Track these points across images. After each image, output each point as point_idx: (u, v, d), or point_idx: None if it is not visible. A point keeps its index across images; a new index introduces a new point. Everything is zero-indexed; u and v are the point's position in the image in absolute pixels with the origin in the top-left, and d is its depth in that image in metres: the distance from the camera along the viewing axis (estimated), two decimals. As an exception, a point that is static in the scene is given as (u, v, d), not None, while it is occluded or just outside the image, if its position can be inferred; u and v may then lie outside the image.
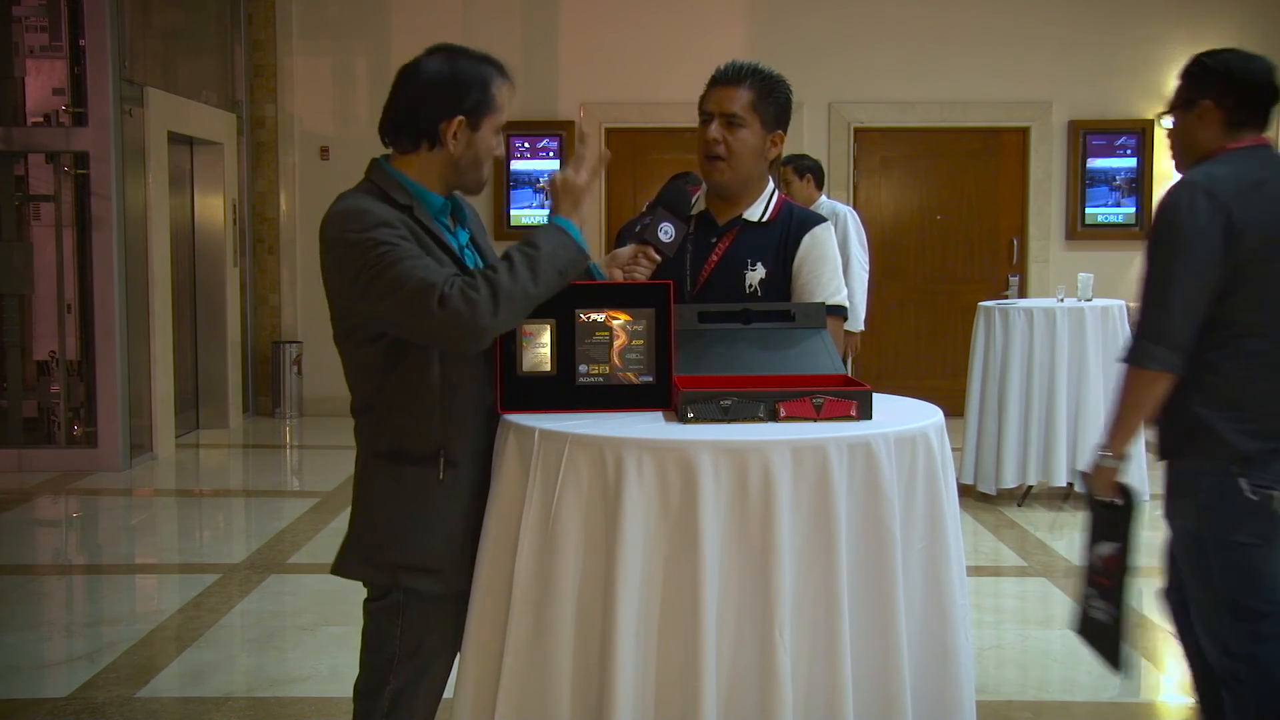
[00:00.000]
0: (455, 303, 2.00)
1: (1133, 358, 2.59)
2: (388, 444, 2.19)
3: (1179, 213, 2.52)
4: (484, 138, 2.20)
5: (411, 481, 2.17)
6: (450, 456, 2.15)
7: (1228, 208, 2.49)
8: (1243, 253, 2.50)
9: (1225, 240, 2.49)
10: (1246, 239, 2.49)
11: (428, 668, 2.24)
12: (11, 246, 7.39)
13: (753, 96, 2.66)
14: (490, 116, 2.20)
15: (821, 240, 2.74)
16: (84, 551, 5.91)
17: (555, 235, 2.15)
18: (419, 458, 2.16)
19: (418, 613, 2.21)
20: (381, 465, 2.20)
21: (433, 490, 2.16)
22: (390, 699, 2.23)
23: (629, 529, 1.90)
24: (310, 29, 9.25)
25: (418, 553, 2.17)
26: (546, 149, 9.20)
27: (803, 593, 1.92)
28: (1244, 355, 2.56)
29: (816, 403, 2.06)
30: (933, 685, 2.06)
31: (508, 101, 2.23)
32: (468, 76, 2.19)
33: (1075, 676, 3.96)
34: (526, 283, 2.07)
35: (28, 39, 7.42)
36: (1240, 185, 2.52)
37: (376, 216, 2.09)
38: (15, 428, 7.46)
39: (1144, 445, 6.31)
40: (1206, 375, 2.57)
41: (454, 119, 2.17)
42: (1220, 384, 2.56)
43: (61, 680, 3.89)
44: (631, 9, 9.14)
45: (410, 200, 2.17)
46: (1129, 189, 9.29)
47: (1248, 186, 2.52)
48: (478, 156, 2.21)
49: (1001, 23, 9.15)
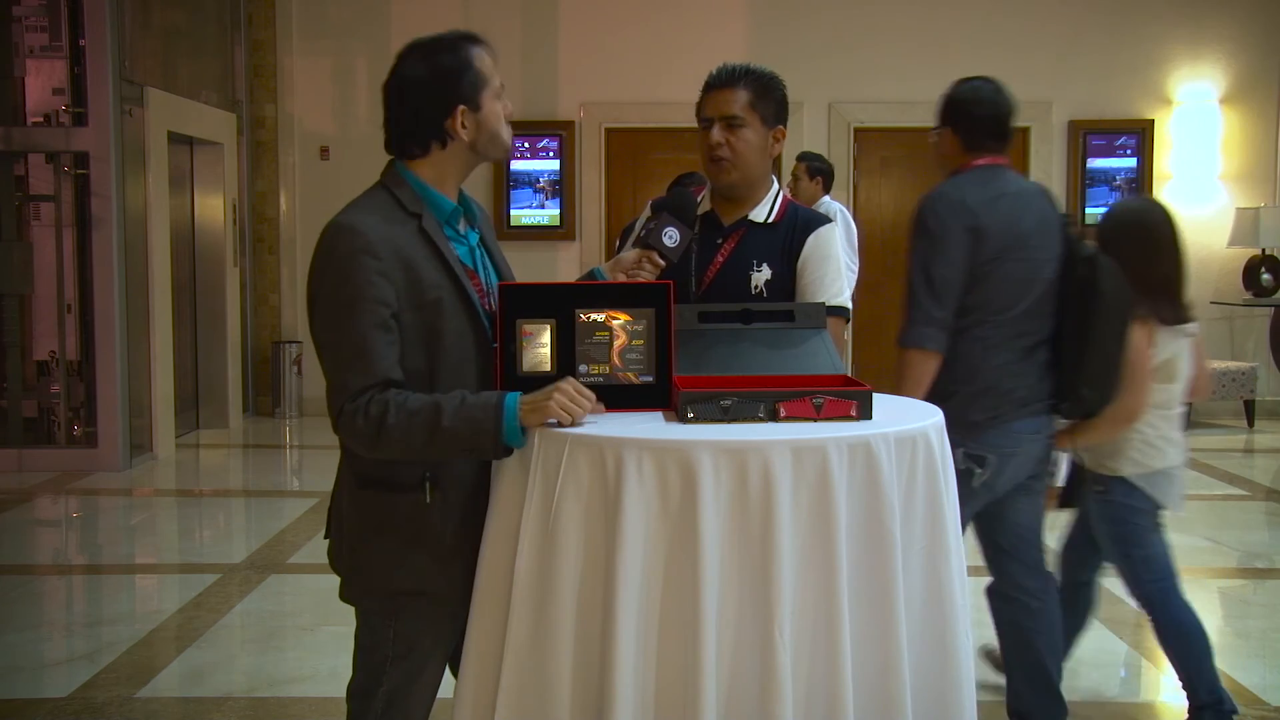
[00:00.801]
0: (348, 420, 2.05)
1: (911, 340, 2.95)
2: (375, 472, 2.17)
3: (938, 216, 2.95)
4: (488, 112, 2.21)
5: (401, 510, 2.16)
6: (436, 481, 2.14)
7: (975, 214, 2.93)
8: (983, 254, 2.93)
9: (972, 241, 2.92)
10: (988, 242, 2.93)
11: (421, 669, 2.24)
12: (11, 246, 7.39)
13: (750, 96, 2.67)
14: (485, 90, 2.20)
15: (825, 241, 2.74)
16: (84, 551, 5.91)
17: (486, 415, 2.01)
18: (407, 485, 2.14)
19: (411, 616, 2.21)
20: (369, 495, 2.19)
21: (421, 516, 2.15)
22: (385, 700, 2.23)
23: (629, 529, 1.89)
24: (310, 29, 9.25)
25: (410, 579, 2.17)
26: (547, 149, 9.20)
27: (803, 592, 1.92)
28: (977, 339, 2.97)
29: (816, 403, 2.06)
30: (933, 685, 2.06)
31: (495, 64, 2.23)
32: (450, 66, 2.17)
33: (1075, 676, 3.95)
34: (417, 442, 2.03)
35: (28, 39, 7.42)
36: (982, 197, 2.96)
37: (363, 242, 2.07)
38: (15, 428, 7.46)
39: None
40: (949, 355, 2.96)
41: (455, 111, 2.17)
42: (958, 362, 2.95)
43: (61, 680, 3.88)
44: (631, 9, 9.14)
45: (420, 208, 2.17)
46: (1129, 189, 9.28)
47: (989, 198, 2.96)
48: (491, 130, 2.21)
49: (1001, 23, 9.15)
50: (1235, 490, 6.95)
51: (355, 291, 2.06)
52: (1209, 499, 6.82)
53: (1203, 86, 9.23)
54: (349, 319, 2.06)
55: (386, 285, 2.07)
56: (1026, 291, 2.98)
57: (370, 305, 2.05)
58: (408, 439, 2.02)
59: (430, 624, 2.22)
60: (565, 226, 9.23)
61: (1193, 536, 6.03)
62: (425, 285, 2.11)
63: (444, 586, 2.17)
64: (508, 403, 2.01)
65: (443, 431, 2.01)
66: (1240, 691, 3.77)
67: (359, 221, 2.12)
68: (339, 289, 2.08)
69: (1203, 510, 6.61)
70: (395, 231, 2.12)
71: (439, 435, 2.01)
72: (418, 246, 2.13)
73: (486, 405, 2.02)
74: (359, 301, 2.05)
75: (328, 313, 2.11)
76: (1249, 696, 3.73)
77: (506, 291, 2.20)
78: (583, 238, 9.28)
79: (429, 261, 2.13)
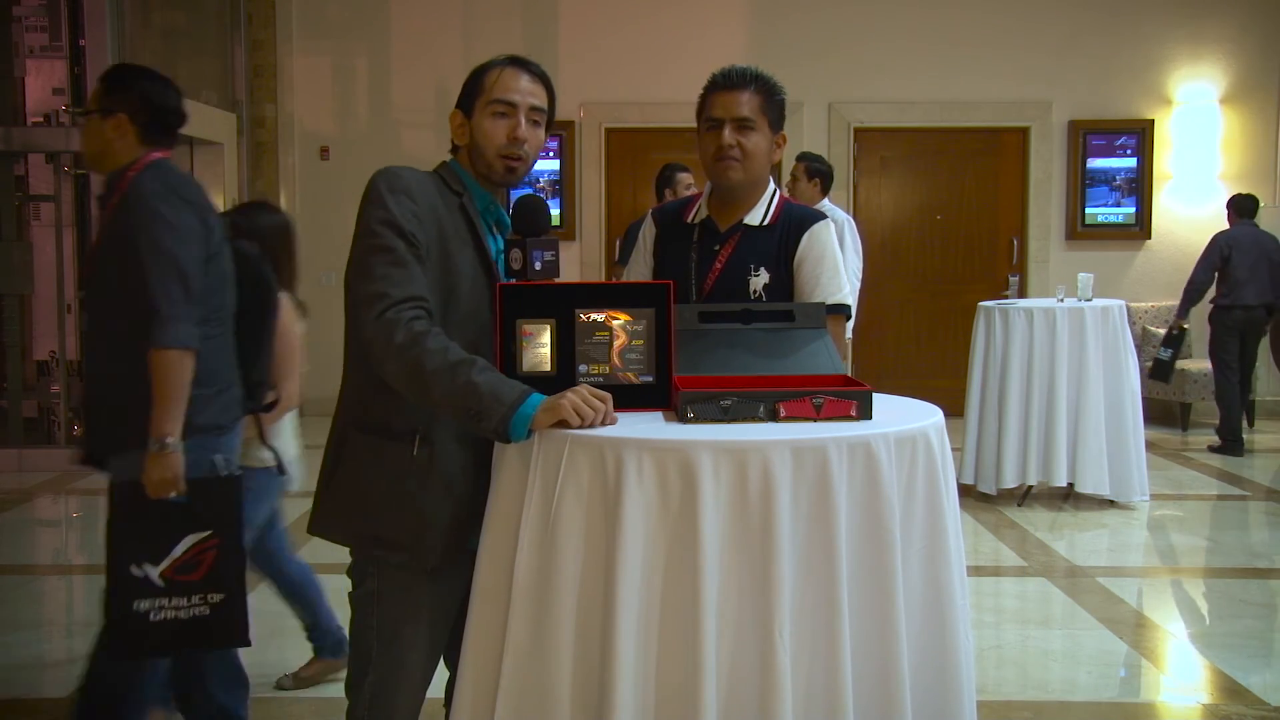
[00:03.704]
0: (388, 325, 2.05)
1: (172, 340, 2.65)
2: (370, 417, 2.22)
3: (156, 200, 2.71)
4: (478, 122, 2.29)
5: (388, 457, 2.19)
6: (427, 436, 2.17)
7: (196, 204, 2.77)
8: (212, 245, 2.79)
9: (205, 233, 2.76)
10: (214, 234, 2.80)
11: (404, 660, 2.25)
12: (11, 246, 7.39)
13: (760, 100, 2.66)
14: (480, 98, 2.29)
15: (821, 239, 2.73)
16: (84, 551, 5.91)
17: (511, 393, 2.00)
18: (398, 434, 2.18)
19: (393, 601, 2.24)
20: (361, 438, 2.23)
21: (406, 467, 2.17)
22: (370, 691, 2.26)
23: (629, 529, 1.90)
24: (310, 29, 9.25)
25: (388, 527, 2.19)
26: (547, 149, 9.17)
27: (802, 592, 1.92)
28: (211, 336, 2.79)
29: (816, 403, 2.06)
30: (933, 685, 2.06)
31: (508, 82, 2.28)
32: (472, 74, 2.33)
33: (1075, 676, 3.96)
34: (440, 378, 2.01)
35: (28, 39, 7.43)
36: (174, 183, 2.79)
37: (408, 183, 2.18)
38: (15, 428, 7.46)
39: (1144, 446, 6.34)
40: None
41: (455, 113, 2.33)
42: (200, 364, 2.72)
43: (61, 680, 3.88)
44: (631, 9, 9.14)
45: (463, 189, 2.28)
46: (1129, 189, 9.29)
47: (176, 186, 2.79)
48: (476, 141, 2.29)
49: (1001, 23, 9.15)
50: (1235, 490, 6.95)
51: (395, 219, 2.13)
52: (1209, 499, 6.83)
53: (1203, 86, 9.24)
54: (390, 239, 2.12)
55: (419, 226, 2.16)
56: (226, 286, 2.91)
57: (408, 234, 2.13)
58: (434, 369, 2.01)
59: (412, 611, 2.24)
60: (565, 226, 9.23)
61: (1193, 536, 6.04)
62: (452, 252, 2.20)
63: (413, 546, 2.18)
64: (532, 397, 2.01)
65: (470, 383, 1.98)
66: (1240, 691, 3.77)
67: (404, 170, 2.23)
68: (379, 214, 2.14)
69: (1203, 510, 6.62)
70: (436, 196, 2.23)
71: (459, 383, 1.99)
72: (454, 217, 2.23)
73: (515, 387, 2.02)
74: (399, 227, 2.13)
75: (367, 235, 2.14)
76: (1249, 697, 3.73)
77: (506, 291, 2.21)
78: (583, 238, 9.28)
79: (460, 234, 2.22)
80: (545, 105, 2.34)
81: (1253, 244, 7.86)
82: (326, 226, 8.08)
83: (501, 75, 2.29)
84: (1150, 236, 9.30)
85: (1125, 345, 6.25)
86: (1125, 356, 6.24)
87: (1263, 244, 7.88)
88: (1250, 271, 7.81)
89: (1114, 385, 6.20)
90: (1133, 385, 6.26)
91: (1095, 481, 6.11)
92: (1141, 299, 9.14)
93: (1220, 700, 3.73)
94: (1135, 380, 6.29)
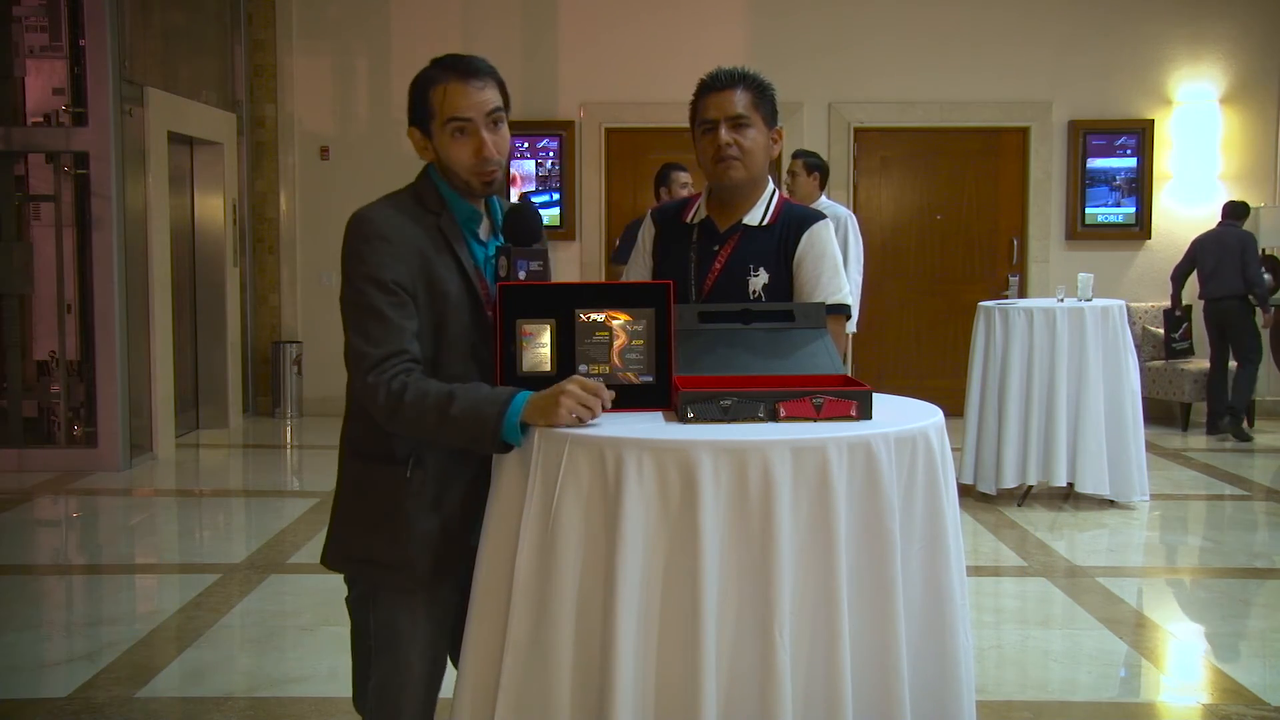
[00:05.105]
0: (371, 391, 2.10)
1: None
2: (368, 445, 2.23)
3: None
4: (440, 143, 2.23)
5: (381, 481, 2.21)
6: (421, 459, 2.19)
7: None
8: None
9: None
10: None
11: (405, 662, 2.26)
12: (11, 246, 7.39)
13: (751, 97, 2.67)
14: (434, 120, 2.23)
15: (820, 238, 2.73)
16: (84, 551, 5.91)
17: (492, 408, 2.02)
18: (393, 459, 2.20)
19: (388, 604, 2.25)
20: (357, 464, 2.26)
21: (399, 490, 2.19)
22: (375, 694, 2.27)
23: (629, 529, 1.89)
24: (310, 29, 9.25)
25: (382, 549, 2.21)
26: (546, 149, 9.20)
27: (802, 593, 1.92)
28: None
29: (816, 403, 2.06)
30: (933, 685, 2.06)
31: (456, 100, 2.19)
32: (413, 88, 2.25)
33: (1075, 676, 3.96)
34: (428, 424, 2.08)
35: (28, 39, 7.42)
36: None
37: (379, 227, 2.17)
38: (15, 428, 7.46)
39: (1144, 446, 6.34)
40: None
41: (413, 130, 2.27)
42: None
43: (61, 680, 3.88)
44: (631, 9, 9.14)
45: (440, 208, 2.25)
46: (1129, 189, 9.29)
47: None
48: (446, 161, 2.24)
49: (1001, 22, 9.15)
50: (1235, 490, 6.95)
51: (372, 271, 2.14)
52: (1209, 499, 6.83)
53: (1203, 86, 9.23)
54: (368, 295, 2.14)
55: (401, 268, 2.15)
56: None
57: (386, 284, 2.14)
58: (420, 419, 2.07)
59: (407, 613, 2.24)
60: (565, 226, 9.23)
61: (1193, 536, 6.04)
62: (436, 278, 2.19)
63: (406, 566, 2.20)
64: (514, 401, 2.03)
65: (451, 419, 2.05)
66: (1240, 691, 3.77)
67: (375, 213, 2.22)
68: (357, 268, 2.16)
69: (1203, 510, 6.62)
70: (411, 224, 2.20)
71: (447, 422, 2.05)
72: (433, 241, 2.21)
73: (495, 400, 2.05)
74: (376, 280, 2.14)
75: (349, 290, 2.18)
76: (1249, 696, 3.73)
77: (506, 291, 2.21)
78: (583, 237, 9.28)
79: (441, 256, 2.21)
80: (500, 102, 2.24)
81: (1214, 241, 8.34)
82: (326, 226, 8.10)
83: (448, 93, 2.19)
84: (1150, 236, 9.30)
85: (1125, 345, 6.25)
86: (1125, 356, 6.24)
87: (1224, 241, 8.30)
88: (1214, 267, 8.32)
89: (1114, 385, 6.20)
90: (1133, 385, 6.26)
91: (1095, 481, 6.11)
92: (1141, 299, 9.14)
93: (1220, 700, 3.73)
94: (1135, 380, 6.29)
